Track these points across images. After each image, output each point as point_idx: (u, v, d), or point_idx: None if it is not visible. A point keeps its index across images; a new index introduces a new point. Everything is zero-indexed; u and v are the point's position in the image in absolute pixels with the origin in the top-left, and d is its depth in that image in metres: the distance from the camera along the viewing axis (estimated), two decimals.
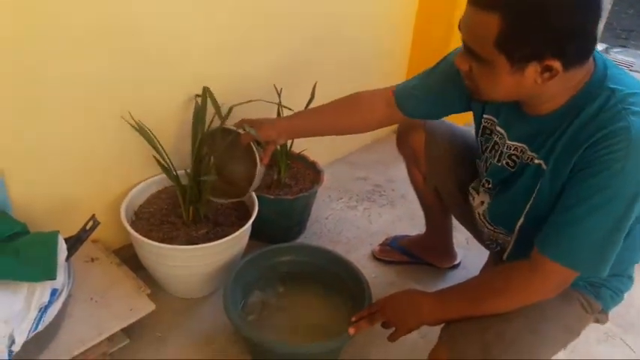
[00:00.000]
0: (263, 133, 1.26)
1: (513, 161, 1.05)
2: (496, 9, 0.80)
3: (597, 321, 1.10)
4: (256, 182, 1.31)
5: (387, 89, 1.25)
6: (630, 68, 4.07)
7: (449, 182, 1.32)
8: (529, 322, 0.96)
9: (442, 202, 1.42)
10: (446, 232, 1.57)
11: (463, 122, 1.39)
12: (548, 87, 0.87)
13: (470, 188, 1.21)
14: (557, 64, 0.82)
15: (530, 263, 0.94)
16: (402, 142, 1.39)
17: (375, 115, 1.26)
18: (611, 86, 0.88)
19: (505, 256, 1.14)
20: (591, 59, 0.90)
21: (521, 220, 1.04)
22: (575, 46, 0.82)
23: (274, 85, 1.61)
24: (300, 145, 1.71)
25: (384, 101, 1.24)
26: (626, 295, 1.11)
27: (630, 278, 1.10)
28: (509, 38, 0.81)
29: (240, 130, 1.29)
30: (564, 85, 0.89)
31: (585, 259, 0.90)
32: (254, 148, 1.28)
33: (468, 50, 0.89)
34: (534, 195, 0.99)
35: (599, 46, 4.29)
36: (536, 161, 0.98)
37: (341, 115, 1.29)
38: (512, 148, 1.04)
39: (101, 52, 1.23)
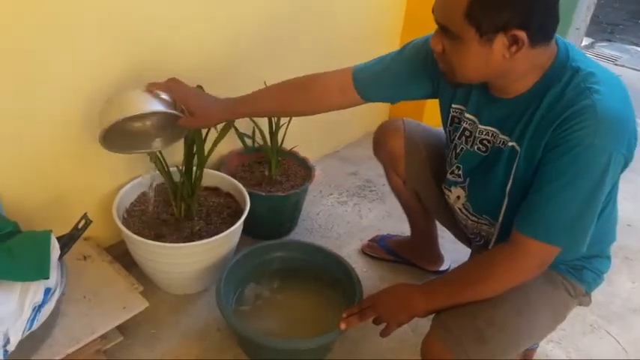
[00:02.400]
0: (209, 120, 1.21)
1: (485, 145, 1.07)
2: None
3: (581, 303, 1.13)
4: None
5: (345, 72, 1.20)
6: (616, 62, 4.13)
7: (430, 185, 1.33)
8: (516, 306, 1.00)
9: (424, 206, 1.44)
10: (430, 235, 1.58)
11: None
12: (516, 63, 0.90)
13: (443, 187, 1.23)
14: (522, 35, 0.85)
15: (511, 244, 0.97)
16: (380, 147, 1.40)
17: (325, 102, 1.22)
18: (574, 65, 0.93)
19: (490, 247, 1.16)
20: (554, 43, 0.95)
21: (505, 204, 1.06)
22: (539, 19, 0.86)
23: (265, 82, 1.62)
24: (291, 142, 1.72)
25: (337, 86, 1.20)
26: (605, 277, 1.14)
27: (608, 258, 1.14)
28: (478, 8, 0.85)
29: (179, 113, 1.16)
30: (531, 64, 0.93)
31: (563, 234, 0.93)
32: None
33: (440, 28, 0.92)
34: (512, 177, 1.02)
35: (585, 41, 4.34)
36: (510, 144, 1.01)
37: (287, 101, 1.23)
38: (484, 133, 1.07)
39: (97, 49, 1.23)
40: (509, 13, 0.84)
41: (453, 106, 1.14)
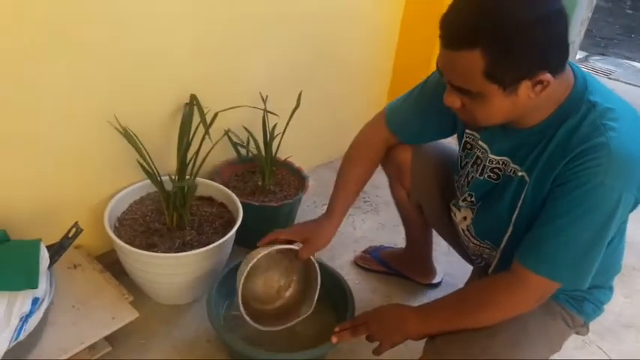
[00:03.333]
0: (321, 243, 1.24)
1: (496, 174, 1.06)
2: (475, 45, 0.81)
3: (578, 333, 1.13)
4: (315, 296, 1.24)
5: (378, 122, 1.26)
6: (609, 76, 4.17)
7: (434, 198, 1.32)
8: (513, 336, 0.98)
9: (424, 219, 1.43)
10: (426, 249, 1.57)
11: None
12: (540, 98, 0.88)
13: (451, 205, 1.22)
14: (547, 77, 0.84)
15: (511, 275, 0.95)
16: (386, 158, 1.37)
17: (381, 154, 1.29)
18: (592, 99, 0.91)
19: (490, 270, 1.15)
20: (570, 72, 0.93)
21: (509, 233, 1.05)
22: (556, 55, 0.85)
23: (260, 92, 1.62)
24: (285, 152, 1.72)
25: (380, 138, 1.26)
26: (605, 307, 1.13)
27: (611, 289, 1.13)
28: (497, 67, 0.82)
29: (295, 246, 1.22)
30: (552, 94, 0.90)
31: (566, 271, 0.92)
32: (314, 261, 1.24)
33: (456, 89, 0.89)
34: (519, 207, 1.00)
35: (579, 54, 4.37)
36: (520, 174, 1.00)
37: (360, 174, 1.28)
38: (495, 162, 1.05)
39: (87, 54, 1.22)
40: (529, 63, 0.83)
41: (467, 131, 1.14)
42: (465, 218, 1.17)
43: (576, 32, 3.91)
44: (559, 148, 0.92)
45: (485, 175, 1.08)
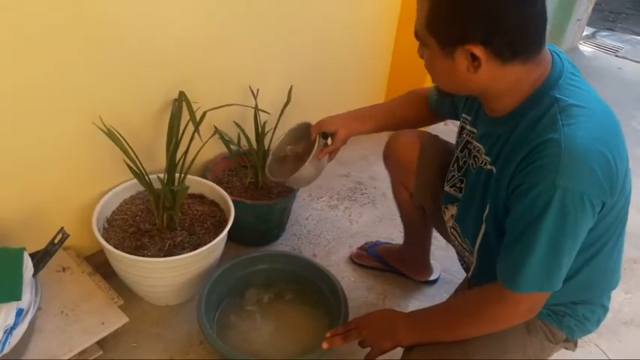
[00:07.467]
0: (326, 126, 1.28)
1: (476, 162, 1.03)
2: None
3: (566, 348, 1.09)
4: (302, 173, 1.29)
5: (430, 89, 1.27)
6: (617, 54, 4.06)
7: (437, 200, 1.27)
8: (490, 355, 0.95)
9: (424, 218, 1.40)
10: (424, 247, 1.55)
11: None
12: (485, 78, 0.85)
13: (442, 206, 1.19)
14: (479, 51, 0.81)
15: (494, 288, 0.92)
16: (391, 159, 1.34)
17: (422, 112, 1.29)
18: (557, 94, 0.86)
19: (470, 274, 1.13)
20: (548, 65, 0.88)
21: (482, 232, 1.01)
22: (505, 35, 0.80)
23: (249, 86, 1.57)
24: None
25: (426, 100, 1.28)
26: (600, 324, 1.09)
27: (604, 307, 1.07)
28: (435, 19, 0.83)
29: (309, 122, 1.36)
30: (511, 82, 0.86)
31: (532, 278, 0.86)
32: (316, 143, 1.31)
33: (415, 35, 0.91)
34: (488, 203, 0.97)
35: (586, 31, 4.25)
36: (488, 166, 0.97)
37: (403, 111, 1.31)
38: (476, 150, 1.03)
39: (71, 53, 1.17)
40: (466, 28, 0.81)
41: (463, 115, 1.11)
42: (452, 216, 1.14)
43: (583, 9, 3.80)
44: (517, 142, 0.88)
45: (470, 161, 1.05)
